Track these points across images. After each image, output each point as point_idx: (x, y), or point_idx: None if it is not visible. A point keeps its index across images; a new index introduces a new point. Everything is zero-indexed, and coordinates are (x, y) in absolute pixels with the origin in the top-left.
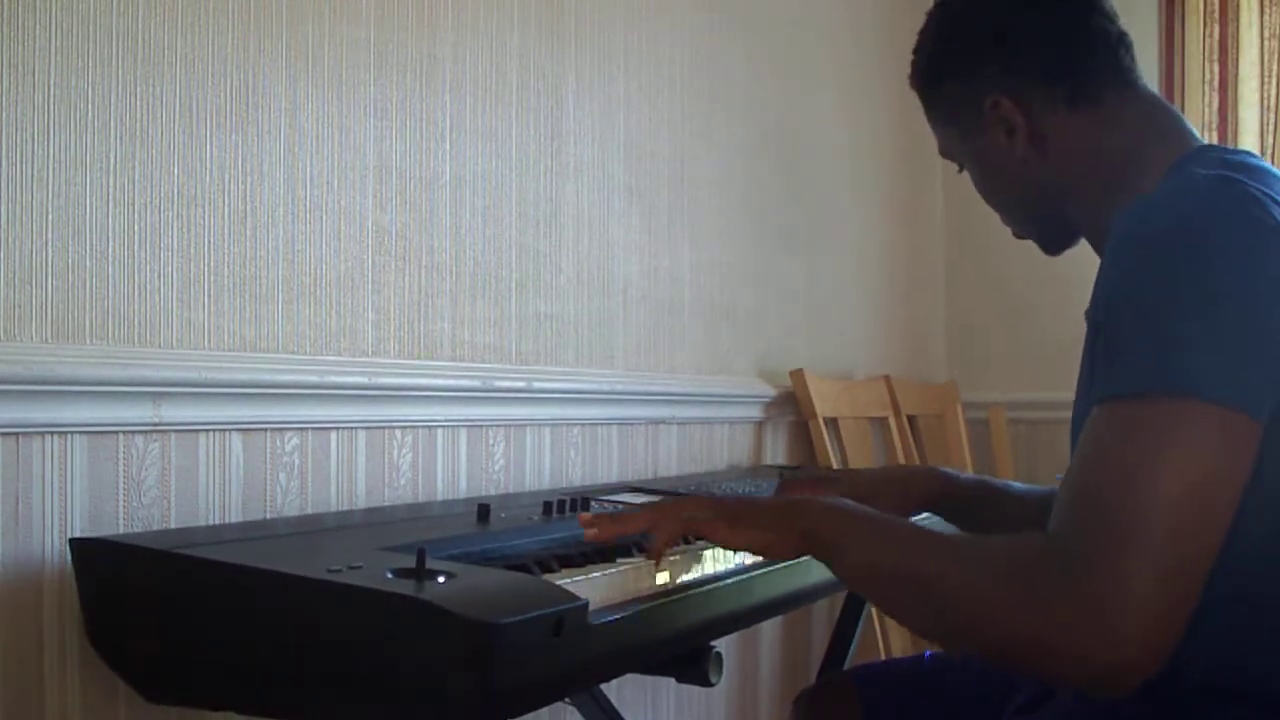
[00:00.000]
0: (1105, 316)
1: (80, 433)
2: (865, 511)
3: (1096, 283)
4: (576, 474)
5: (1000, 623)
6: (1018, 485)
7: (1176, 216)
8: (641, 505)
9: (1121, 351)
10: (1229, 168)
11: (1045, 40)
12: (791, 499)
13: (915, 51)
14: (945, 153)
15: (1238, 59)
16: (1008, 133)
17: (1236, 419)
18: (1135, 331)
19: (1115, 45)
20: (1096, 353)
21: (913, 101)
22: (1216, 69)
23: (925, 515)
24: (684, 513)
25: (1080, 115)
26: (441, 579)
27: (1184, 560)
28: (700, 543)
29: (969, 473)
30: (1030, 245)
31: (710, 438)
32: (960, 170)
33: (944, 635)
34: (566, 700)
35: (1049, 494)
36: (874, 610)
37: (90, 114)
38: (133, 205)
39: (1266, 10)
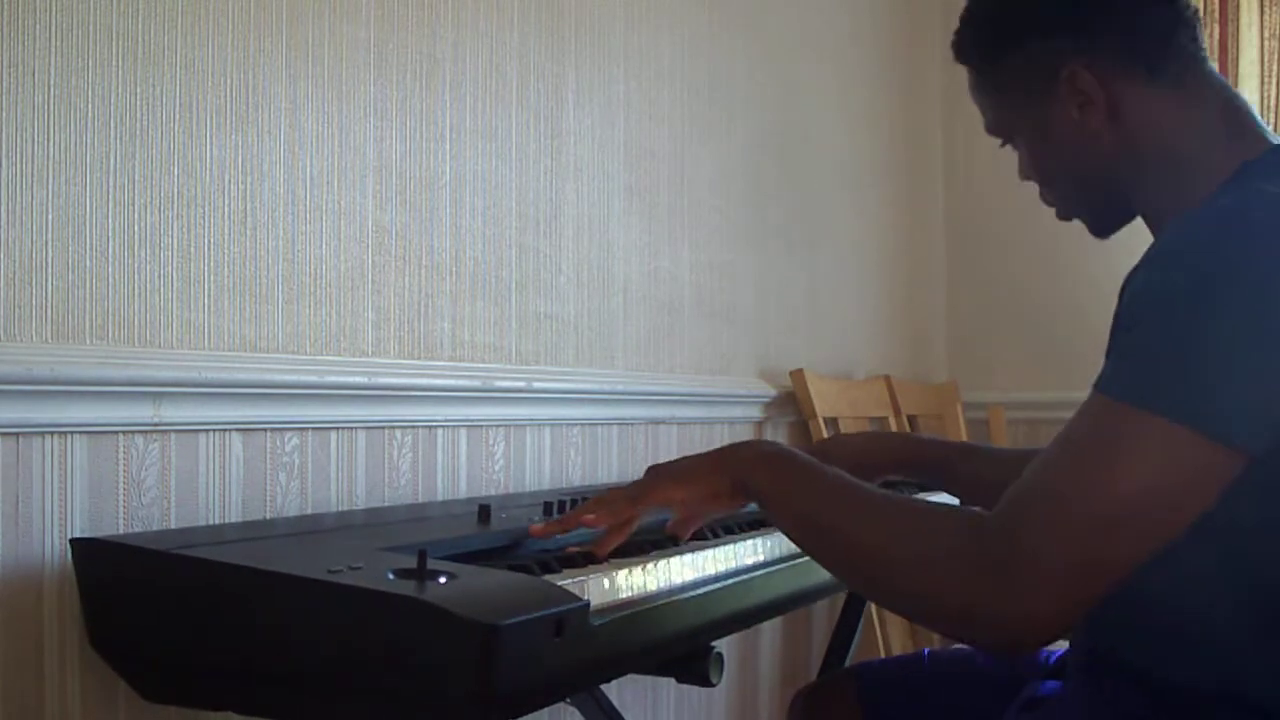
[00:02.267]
0: (1129, 318)
1: (80, 433)
2: (800, 459)
3: (1129, 280)
4: (576, 474)
5: (914, 581)
6: (995, 447)
7: (1221, 238)
8: (587, 506)
9: (1130, 354)
10: None
11: (1124, 10)
12: (726, 447)
13: (966, 22)
14: (995, 127)
15: (1238, 59)
16: (1080, 106)
17: (1220, 452)
18: (1146, 340)
19: (1193, 21)
20: (1111, 344)
21: (913, 102)
22: (1216, 69)
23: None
24: (628, 492)
25: (1159, 91)
26: (442, 579)
27: (1105, 562)
28: (683, 546)
29: (945, 438)
30: (1031, 243)
31: (710, 438)
32: (1003, 145)
33: (863, 588)
34: (567, 700)
35: (1027, 454)
36: (874, 610)
37: (90, 114)
38: (133, 205)
39: (1266, 10)
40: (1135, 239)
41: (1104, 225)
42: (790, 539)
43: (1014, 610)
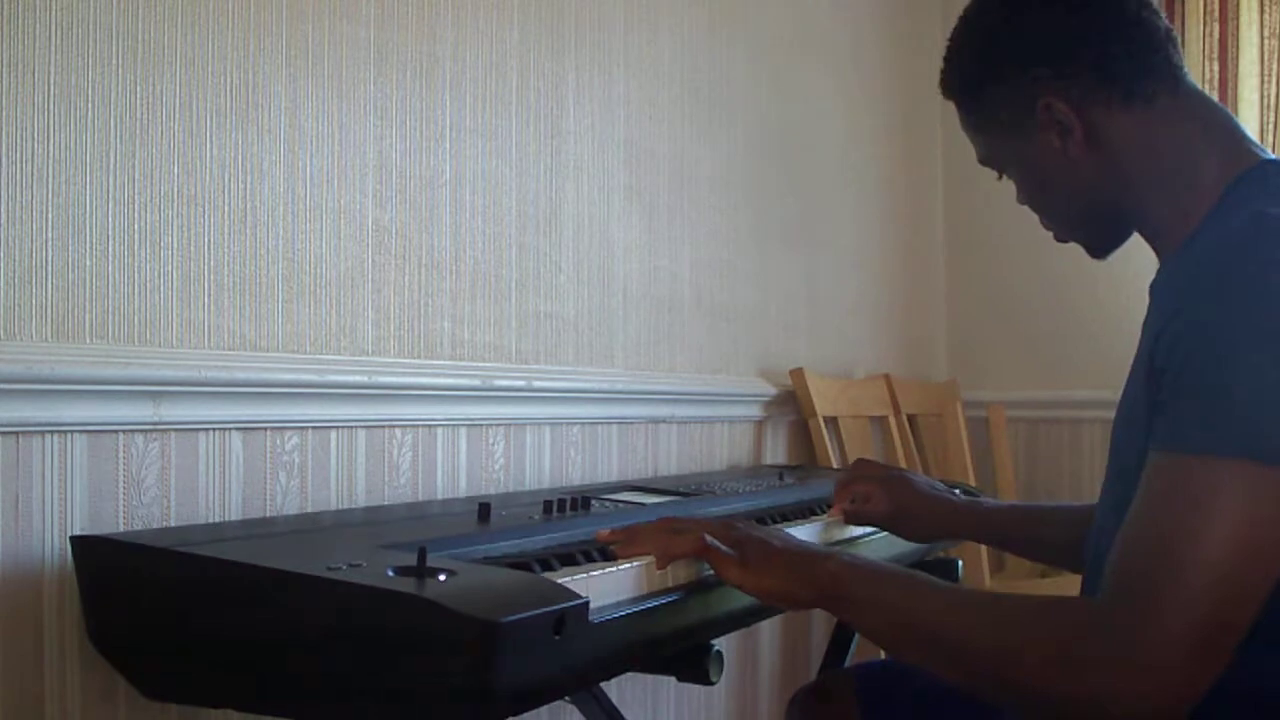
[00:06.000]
0: (1171, 362)
1: (80, 432)
2: (889, 568)
3: (1157, 314)
4: (576, 473)
5: (1035, 686)
6: (1050, 506)
7: (1253, 268)
8: (657, 520)
9: (1188, 403)
10: None
11: (1097, 39)
12: (808, 550)
13: (948, 59)
14: (986, 160)
15: (1237, 59)
16: (1060, 135)
17: None
18: (1202, 386)
19: (1164, 41)
20: (1159, 396)
21: (912, 101)
22: (1216, 69)
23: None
24: (706, 539)
25: (1134, 113)
26: (442, 577)
27: (1231, 620)
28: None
29: (1003, 501)
30: (1030, 242)
31: (710, 437)
32: (1000, 177)
33: (979, 694)
34: (567, 698)
35: (1083, 510)
36: None
37: (90, 114)
38: (133, 205)
39: (1266, 10)
40: (1132, 243)
41: (1101, 246)
42: (895, 654)
43: (1151, 692)
